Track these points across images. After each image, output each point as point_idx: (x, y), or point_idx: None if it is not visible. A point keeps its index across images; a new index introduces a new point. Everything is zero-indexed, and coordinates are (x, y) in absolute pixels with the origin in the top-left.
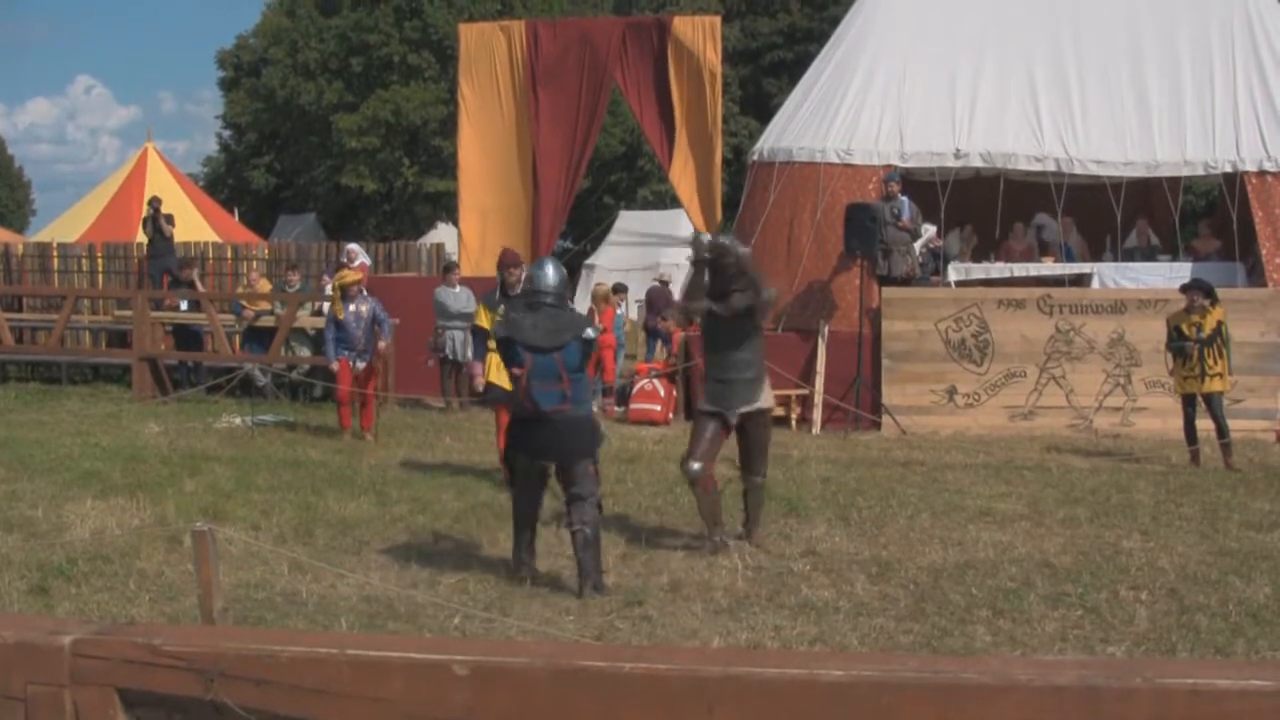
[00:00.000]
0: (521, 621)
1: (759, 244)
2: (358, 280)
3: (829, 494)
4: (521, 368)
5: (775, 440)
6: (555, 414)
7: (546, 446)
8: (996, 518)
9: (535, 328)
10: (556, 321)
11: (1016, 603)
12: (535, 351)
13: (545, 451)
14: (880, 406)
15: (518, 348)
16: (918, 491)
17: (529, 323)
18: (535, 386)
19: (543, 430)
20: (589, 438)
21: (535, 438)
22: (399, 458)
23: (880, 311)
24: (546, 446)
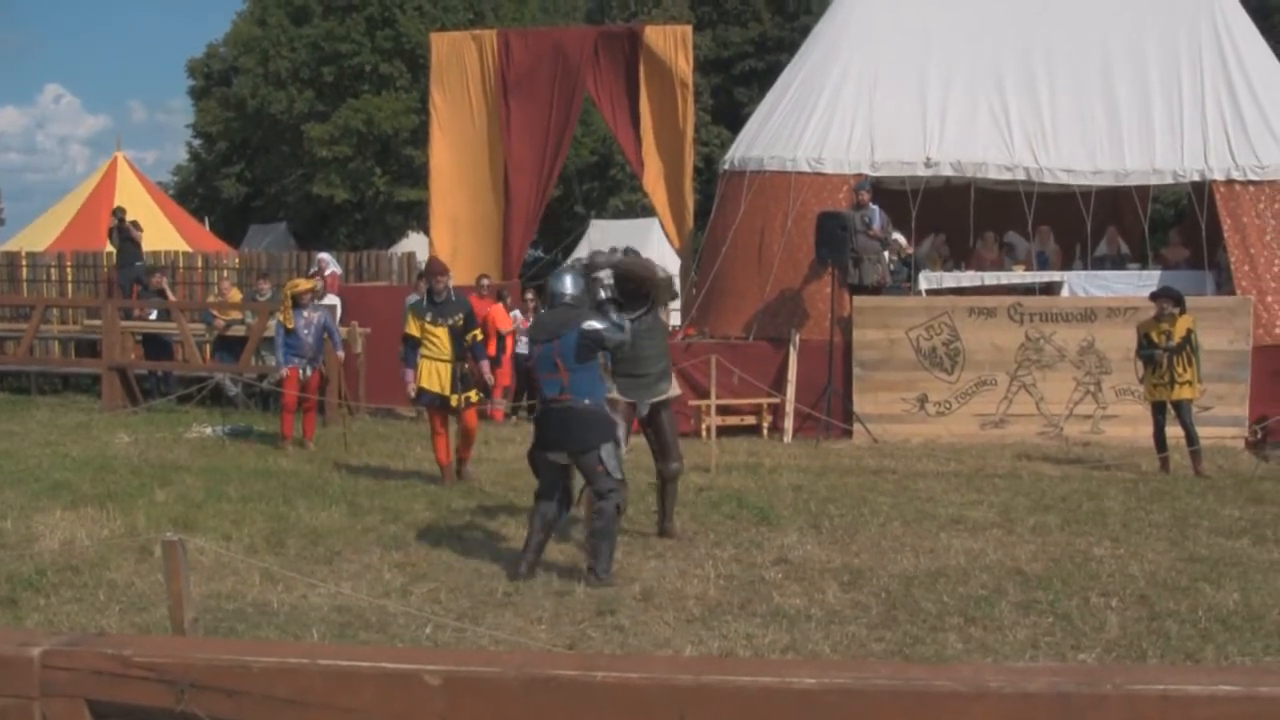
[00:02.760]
0: (494, 631)
1: (730, 253)
2: (309, 289)
3: (801, 502)
4: (532, 361)
5: (748, 449)
6: (555, 403)
7: (552, 437)
8: (968, 525)
9: (542, 323)
10: (563, 317)
11: (988, 610)
12: (536, 343)
13: (551, 442)
14: (852, 415)
15: (531, 343)
16: (889, 499)
17: (543, 320)
18: (540, 377)
19: (548, 420)
20: (595, 431)
21: (541, 428)
22: (371, 467)
23: (851, 320)
24: (552, 437)
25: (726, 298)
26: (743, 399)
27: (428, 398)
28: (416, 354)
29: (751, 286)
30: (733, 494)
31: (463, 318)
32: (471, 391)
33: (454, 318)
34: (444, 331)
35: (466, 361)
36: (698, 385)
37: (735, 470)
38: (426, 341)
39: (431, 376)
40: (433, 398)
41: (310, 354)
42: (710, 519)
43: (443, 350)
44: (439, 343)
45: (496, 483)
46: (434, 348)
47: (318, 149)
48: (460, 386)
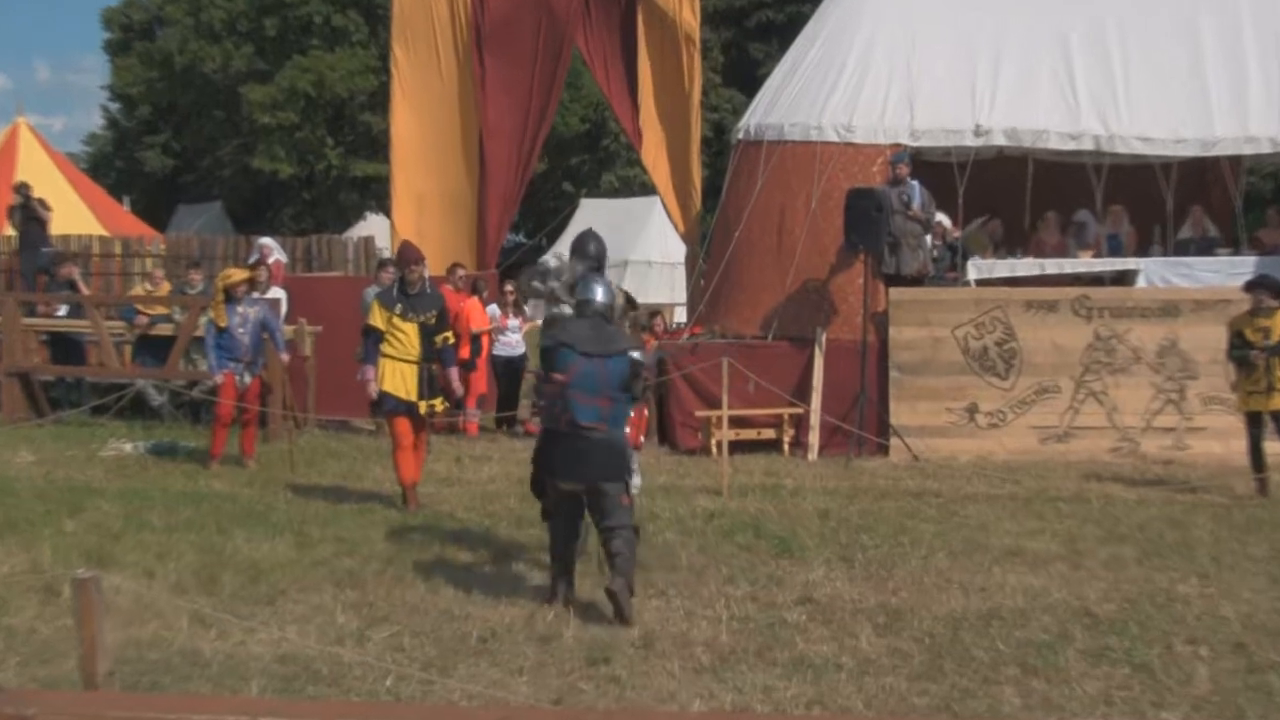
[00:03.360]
0: (466, 684)
1: (744, 238)
2: (246, 280)
3: (828, 531)
4: (564, 374)
5: (766, 468)
6: (586, 431)
7: (574, 467)
8: (1027, 558)
9: (584, 336)
10: (607, 332)
11: (1051, 659)
12: (586, 356)
13: (572, 472)
14: (888, 428)
15: (567, 352)
16: (933, 527)
17: (580, 330)
18: (574, 397)
19: (573, 447)
20: (621, 461)
21: (563, 455)
22: (322, 490)
23: (887, 316)
24: (574, 467)
25: (740, 290)
26: (760, 409)
27: (392, 403)
28: (378, 350)
29: (770, 277)
30: (748, 521)
31: (436, 315)
32: (438, 399)
33: (427, 314)
34: (413, 328)
35: (434, 364)
36: (706, 393)
37: (751, 493)
38: (391, 337)
39: (396, 379)
40: (398, 404)
41: (248, 357)
42: (721, 550)
43: (409, 349)
44: (406, 340)
45: (470, 508)
46: (399, 345)
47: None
48: (427, 393)
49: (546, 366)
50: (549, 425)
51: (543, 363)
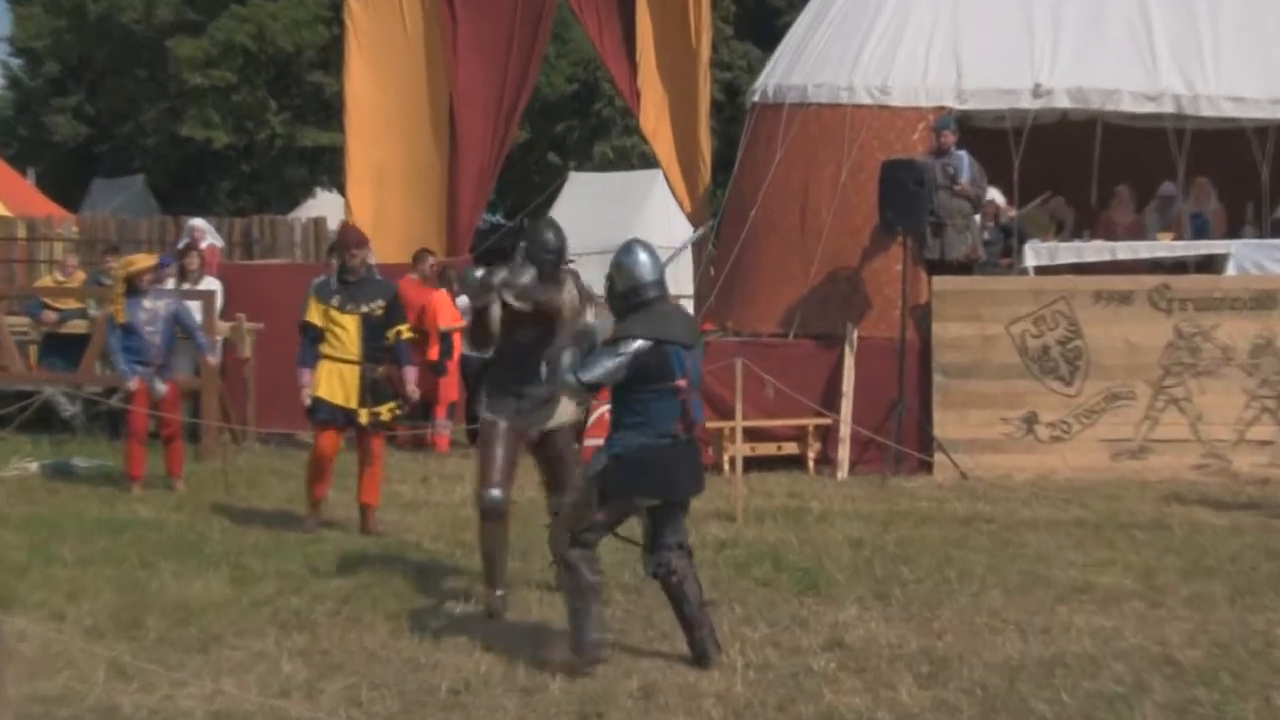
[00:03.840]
0: None
1: (762, 218)
2: (148, 269)
3: (861, 563)
4: (684, 375)
5: (788, 489)
6: (690, 435)
7: (686, 478)
8: (1096, 595)
9: (677, 322)
10: (682, 313)
11: (1126, 713)
12: (690, 349)
13: (683, 484)
14: (931, 441)
15: (678, 350)
16: (985, 559)
17: (665, 319)
18: (695, 396)
19: (684, 456)
20: None
21: (671, 469)
22: (264, 516)
23: (930, 309)
24: (686, 478)
25: (757, 279)
26: (780, 419)
27: (326, 411)
28: (316, 351)
29: (791, 264)
30: (767, 551)
31: (383, 305)
32: (386, 406)
33: (371, 304)
34: (354, 321)
35: (382, 365)
36: (717, 401)
37: (770, 518)
38: (330, 334)
39: (333, 382)
40: (333, 412)
41: (160, 360)
42: (736, 587)
43: (349, 347)
44: (345, 337)
45: (439, 537)
46: (339, 343)
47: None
48: (370, 399)
49: (646, 373)
50: (644, 441)
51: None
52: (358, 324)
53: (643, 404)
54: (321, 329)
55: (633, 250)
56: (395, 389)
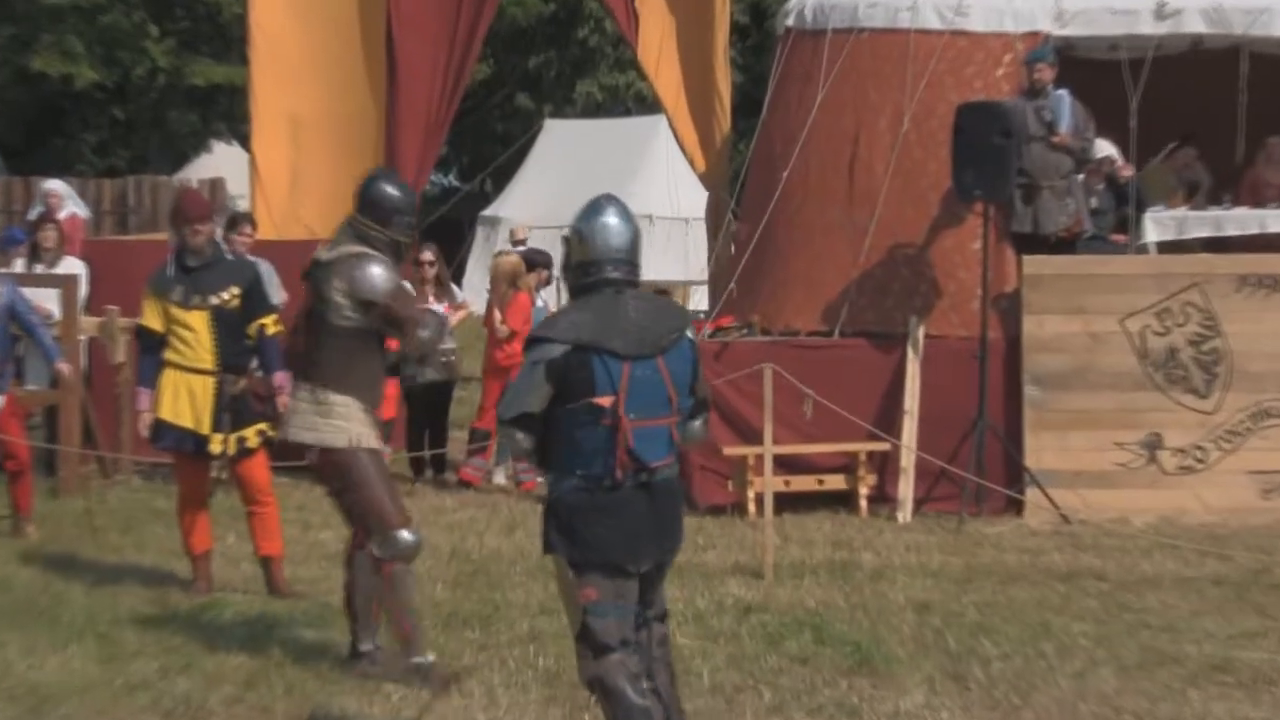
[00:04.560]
0: None
1: (797, 179)
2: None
3: (929, 634)
4: (612, 395)
5: (833, 535)
6: (662, 472)
7: (648, 537)
8: (1240, 676)
9: (618, 320)
10: (651, 306)
11: None
12: (635, 360)
13: (648, 546)
14: (1021, 473)
15: (599, 361)
16: (1092, 628)
17: (607, 314)
18: (635, 425)
19: (642, 507)
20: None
21: (632, 523)
22: (140, 571)
23: (1020, 299)
24: (648, 537)
25: (792, 260)
26: (823, 444)
27: (172, 436)
28: (159, 361)
29: (837, 240)
30: (806, 618)
31: (240, 293)
32: (252, 429)
33: (222, 293)
34: (203, 319)
35: (244, 376)
36: (737, 420)
37: (810, 575)
38: (174, 338)
39: (179, 400)
40: (181, 437)
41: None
42: (764, 664)
43: (198, 353)
44: (195, 340)
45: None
46: (186, 349)
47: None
48: (226, 421)
49: (569, 387)
50: (592, 484)
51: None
52: (208, 322)
53: (567, 430)
54: (162, 334)
55: (601, 211)
56: (263, 405)
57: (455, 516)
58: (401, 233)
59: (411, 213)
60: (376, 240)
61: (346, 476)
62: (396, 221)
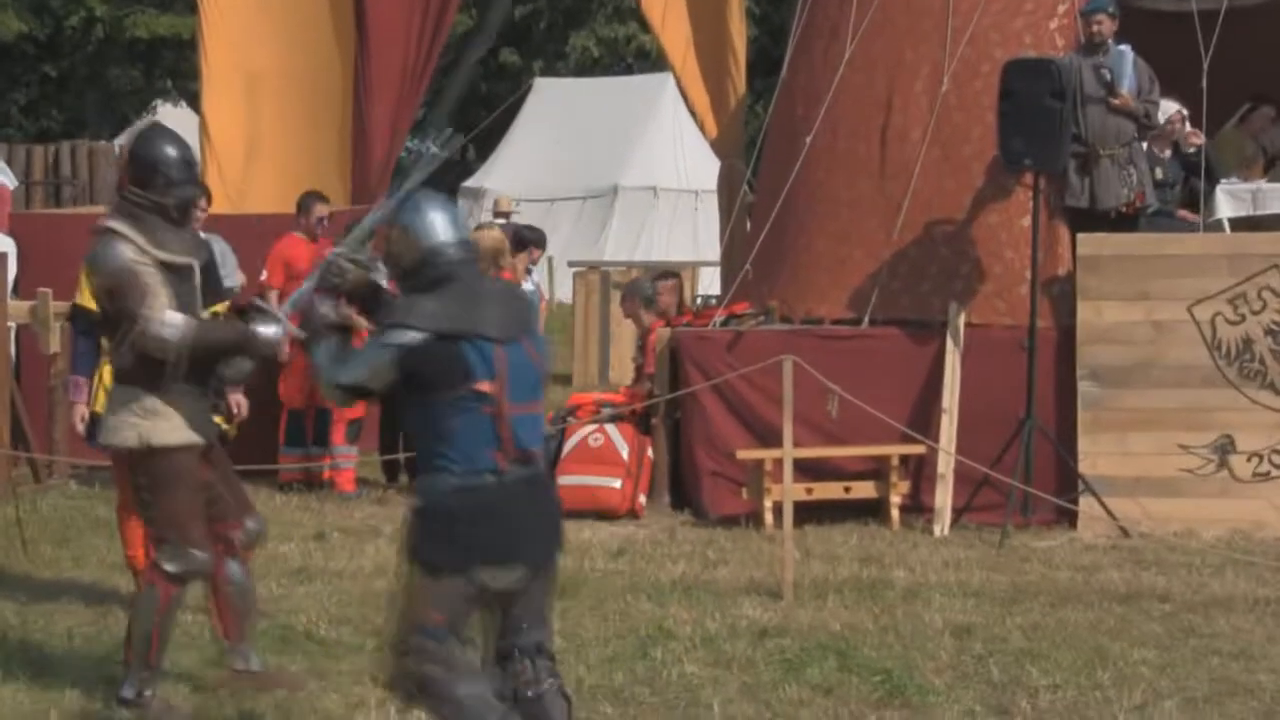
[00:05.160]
0: None
1: (822, 145)
2: None
3: (970, 661)
4: (491, 380)
5: (859, 549)
6: (533, 466)
7: (534, 534)
8: None
9: (481, 304)
10: (501, 287)
11: None
12: (506, 344)
13: (526, 547)
14: (1074, 480)
15: (471, 347)
16: (1156, 654)
17: (471, 299)
18: (516, 410)
19: (525, 502)
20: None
21: (518, 520)
22: (79, 589)
23: (1075, 285)
24: (534, 534)
25: (815, 239)
26: (850, 447)
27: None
28: (96, 347)
29: (866, 216)
30: (829, 643)
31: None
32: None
33: None
34: None
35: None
36: (753, 419)
37: (835, 594)
38: None
39: None
40: None
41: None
42: (783, 694)
43: None
44: None
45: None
46: None
47: None
48: None
49: (434, 376)
50: (454, 483)
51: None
52: None
53: (439, 424)
54: (94, 315)
55: (418, 206)
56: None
57: None
58: (165, 194)
59: (179, 168)
60: (139, 206)
61: (146, 478)
62: (159, 182)
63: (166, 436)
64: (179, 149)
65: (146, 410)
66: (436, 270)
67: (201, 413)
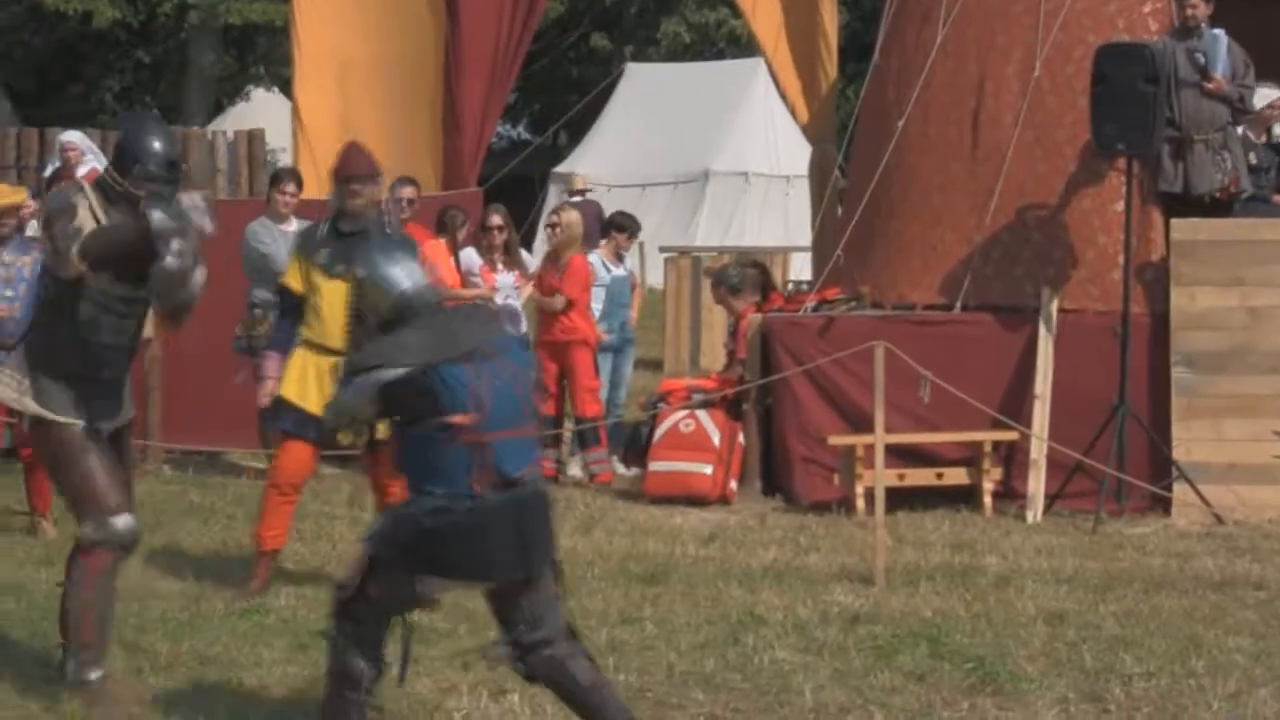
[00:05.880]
0: None
1: (914, 131)
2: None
3: (1064, 648)
4: (466, 413)
5: (952, 536)
6: (528, 481)
7: (515, 551)
8: None
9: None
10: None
11: None
12: (488, 363)
13: (509, 563)
14: (1169, 466)
15: (453, 372)
16: (1250, 642)
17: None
18: (500, 439)
19: (508, 521)
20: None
21: (494, 541)
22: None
23: (1169, 271)
24: (515, 551)
25: (908, 224)
26: (942, 433)
27: (293, 418)
28: (294, 329)
29: (959, 201)
30: (921, 629)
31: None
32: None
33: None
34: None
35: None
36: (845, 405)
37: (927, 581)
38: (311, 308)
39: (306, 379)
40: (302, 420)
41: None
42: (875, 681)
43: (329, 329)
44: (327, 313)
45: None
46: (315, 323)
47: None
48: None
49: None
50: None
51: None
52: (346, 296)
53: (422, 451)
54: (303, 297)
55: (373, 262)
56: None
57: None
58: (138, 187)
59: (159, 162)
60: (113, 189)
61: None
62: (136, 172)
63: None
64: (165, 145)
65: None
66: (411, 311)
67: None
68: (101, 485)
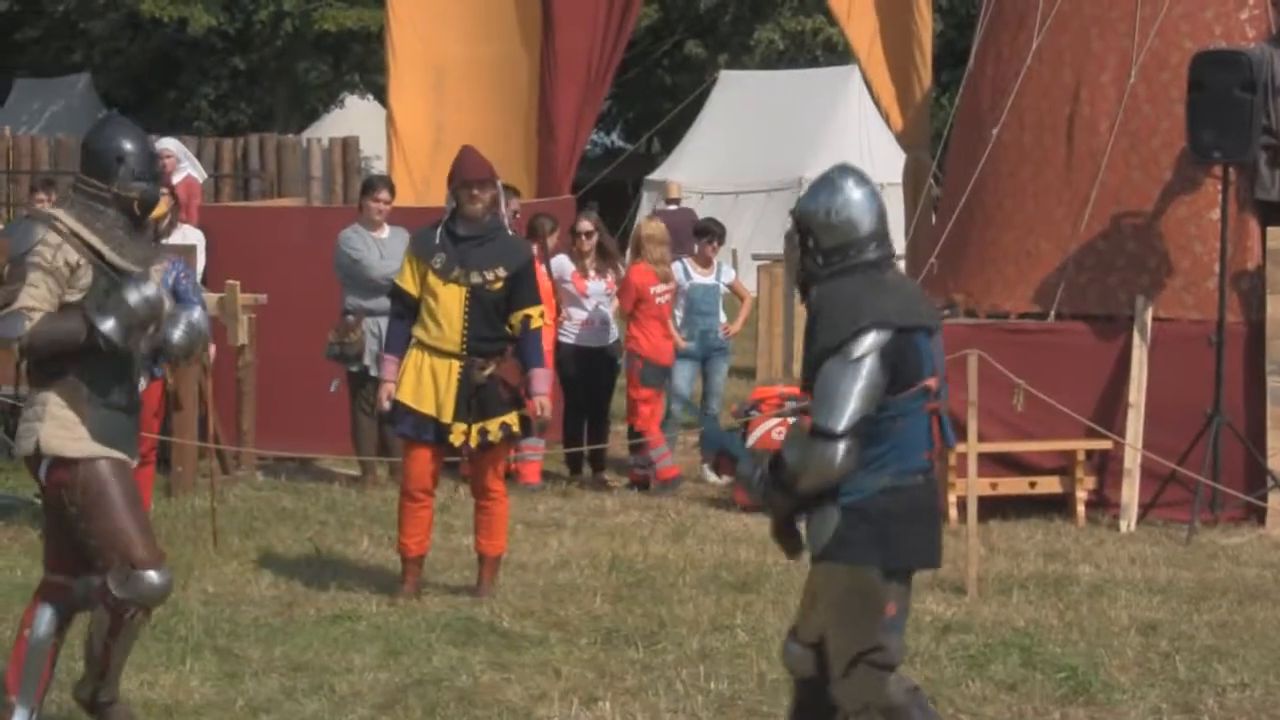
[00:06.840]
0: None
1: (1008, 140)
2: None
3: (1157, 658)
4: (933, 375)
5: (1044, 545)
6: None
7: (938, 534)
8: None
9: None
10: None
11: None
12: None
13: (937, 549)
14: (1264, 477)
15: (920, 340)
16: None
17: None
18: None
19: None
20: None
21: (931, 518)
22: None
23: (1264, 278)
24: (938, 534)
25: (1002, 232)
26: (1035, 442)
27: (410, 422)
28: (407, 333)
29: (1053, 209)
30: (1014, 639)
31: (505, 275)
32: (495, 421)
33: (486, 272)
34: (457, 296)
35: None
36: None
37: (1019, 590)
38: (426, 311)
39: (421, 382)
40: (419, 423)
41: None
42: (966, 690)
43: (445, 333)
44: (444, 317)
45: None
46: (434, 326)
47: None
48: (474, 409)
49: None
50: (886, 483)
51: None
52: (463, 300)
53: (883, 424)
54: (417, 300)
55: (839, 186)
56: (513, 397)
57: (616, 520)
58: (129, 187)
59: (140, 160)
60: (99, 199)
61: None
62: (121, 173)
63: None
64: (141, 142)
65: (50, 414)
66: (856, 258)
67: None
68: (134, 533)
